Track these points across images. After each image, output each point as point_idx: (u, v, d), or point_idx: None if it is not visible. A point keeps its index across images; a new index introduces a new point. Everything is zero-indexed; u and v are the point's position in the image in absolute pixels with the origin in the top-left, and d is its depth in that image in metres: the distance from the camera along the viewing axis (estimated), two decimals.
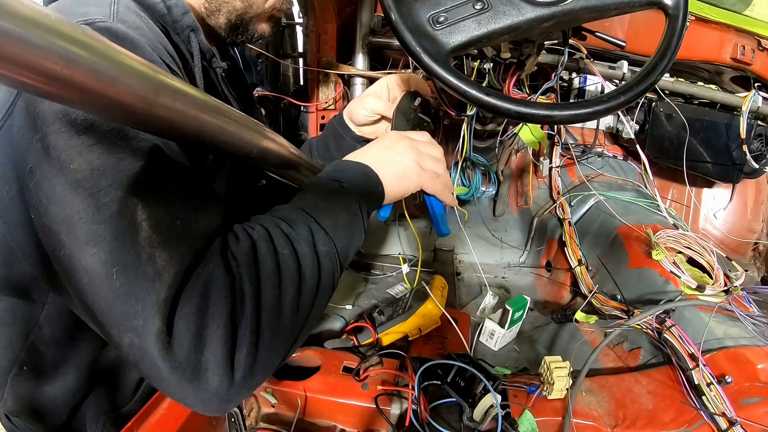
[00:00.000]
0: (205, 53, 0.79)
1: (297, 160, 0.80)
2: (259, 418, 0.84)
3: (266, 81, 1.56)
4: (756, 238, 1.67)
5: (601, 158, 1.69)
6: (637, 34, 1.38)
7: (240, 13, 0.83)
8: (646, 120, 1.54)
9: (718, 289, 1.06)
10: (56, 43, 0.32)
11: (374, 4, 1.40)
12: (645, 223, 1.32)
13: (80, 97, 0.37)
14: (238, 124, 0.59)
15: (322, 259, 0.58)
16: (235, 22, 0.84)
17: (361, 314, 1.13)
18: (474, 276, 1.59)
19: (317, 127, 1.52)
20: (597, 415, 0.83)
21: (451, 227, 0.95)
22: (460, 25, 0.69)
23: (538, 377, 0.87)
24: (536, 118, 0.68)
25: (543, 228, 1.64)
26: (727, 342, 0.89)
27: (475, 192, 1.67)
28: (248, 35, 0.87)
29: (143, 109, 0.43)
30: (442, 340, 1.04)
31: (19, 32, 0.29)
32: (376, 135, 1.06)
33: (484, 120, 1.51)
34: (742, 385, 0.82)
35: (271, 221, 0.59)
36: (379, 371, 0.87)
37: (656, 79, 0.69)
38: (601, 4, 0.70)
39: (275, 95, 1.48)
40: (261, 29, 0.88)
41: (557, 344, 1.17)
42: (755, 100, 1.36)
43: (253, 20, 0.86)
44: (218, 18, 0.83)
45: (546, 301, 1.46)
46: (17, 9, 0.29)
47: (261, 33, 0.89)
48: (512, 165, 1.81)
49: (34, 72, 0.32)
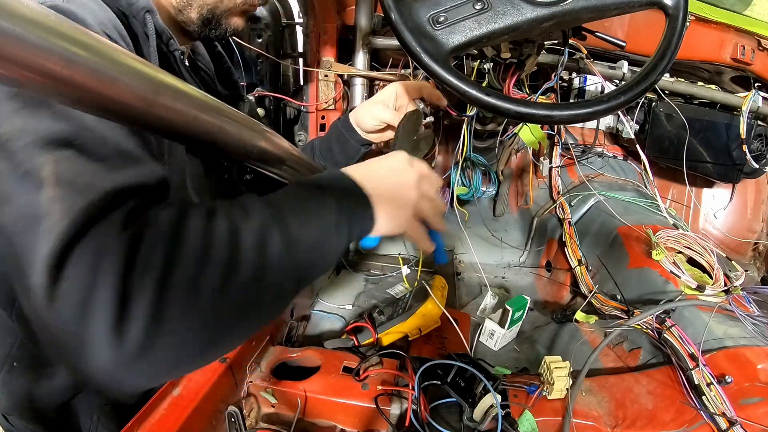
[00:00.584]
0: (161, 34, 0.78)
1: (298, 161, 0.80)
2: (259, 418, 0.84)
3: (266, 81, 1.55)
4: (756, 238, 1.67)
5: (601, 158, 1.70)
6: (637, 34, 1.39)
7: (211, 8, 0.83)
8: (646, 120, 1.54)
9: (718, 289, 1.06)
10: (56, 43, 0.32)
11: (374, 4, 1.40)
12: (645, 223, 1.32)
13: (80, 97, 0.37)
14: (238, 124, 0.59)
15: (269, 259, 0.52)
16: (206, 16, 0.84)
17: (361, 314, 1.13)
18: (474, 276, 1.59)
19: (317, 127, 1.52)
20: (597, 415, 0.83)
21: (452, 227, 0.95)
22: (460, 25, 0.69)
23: (538, 377, 0.88)
24: (536, 118, 0.68)
25: (543, 228, 1.64)
26: (727, 342, 0.89)
27: (475, 192, 1.67)
28: (221, 30, 0.87)
29: (143, 108, 0.43)
30: (442, 340, 1.04)
31: (19, 32, 0.29)
32: (382, 140, 1.06)
33: (484, 120, 1.51)
34: (742, 385, 0.82)
35: (227, 205, 0.54)
36: (379, 371, 0.87)
37: (656, 79, 0.69)
38: (601, 4, 0.70)
39: (275, 95, 1.48)
40: (234, 24, 0.88)
41: (557, 344, 1.17)
42: (755, 100, 1.36)
43: (225, 14, 0.85)
44: (190, 13, 0.83)
45: (546, 301, 1.46)
46: (17, 9, 0.29)
47: (234, 28, 0.88)
48: (512, 165, 1.81)
49: (34, 72, 0.32)
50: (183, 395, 0.73)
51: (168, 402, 0.72)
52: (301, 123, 1.53)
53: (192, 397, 0.73)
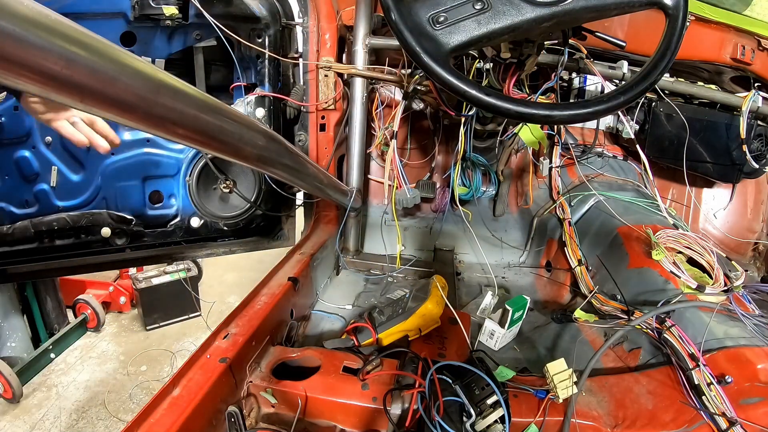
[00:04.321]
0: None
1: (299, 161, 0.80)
2: (259, 418, 0.84)
3: (266, 81, 1.55)
4: (756, 238, 1.67)
5: (601, 158, 1.70)
6: (637, 34, 1.38)
7: None
8: (646, 120, 1.54)
9: (718, 288, 1.06)
10: (56, 43, 0.32)
11: (374, 4, 1.40)
12: (645, 223, 1.32)
13: (80, 96, 0.37)
14: (239, 125, 0.59)
15: None
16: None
17: (361, 314, 1.13)
18: (474, 276, 1.59)
19: (317, 127, 1.52)
20: (597, 415, 0.83)
21: (452, 227, 0.95)
22: (460, 25, 0.69)
23: (543, 380, 0.87)
24: (536, 118, 0.68)
25: (543, 228, 1.64)
26: (727, 342, 0.89)
27: (475, 192, 1.67)
28: None
29: (143, 108, 0.43)
30: (442, 340, 1.04)
31: (19, 32, 0.29)
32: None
33: (484, 120, 1.51)
34: (742, 385, 0.82)
35: None
36: (380, 373, 0.87)
37: (656, 79, 0.69)
38: (601, 4, 0.70)
39: (275, 95, 1.48)
40: None
41: (558, 344, 1.17)
42: (755, 100, 1.36)
43: None
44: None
45: (546, 301, 1.46)
46: (17, 9, 0.29)
47: None
48: (512, 165, 1.81)
49: (34, 72, 0.32)
50: (183, 395, 0.73)
51: (168, 402, 0.72)
52: (301, 123, 1.53)
53: (192, 397, 0.72)
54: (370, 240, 1.74)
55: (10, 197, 1.28)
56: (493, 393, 0.78)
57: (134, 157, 1.36)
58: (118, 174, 1.35)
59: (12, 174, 1.28)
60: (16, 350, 2.18)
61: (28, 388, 2.18)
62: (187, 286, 2.73)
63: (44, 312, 2.33)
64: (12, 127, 1.24)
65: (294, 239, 1.61)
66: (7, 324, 2.15)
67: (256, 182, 1.47)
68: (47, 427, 2.02)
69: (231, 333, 0.87)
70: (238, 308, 0.95)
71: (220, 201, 1.48)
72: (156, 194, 1.42)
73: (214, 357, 0.81)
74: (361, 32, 1.41)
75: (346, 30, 1.49)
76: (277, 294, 1.02)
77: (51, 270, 1.40)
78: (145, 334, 2.70)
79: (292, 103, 1.49)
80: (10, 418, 2.06)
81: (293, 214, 1.61)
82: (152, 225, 1.43)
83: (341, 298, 1.31)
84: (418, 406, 0.78)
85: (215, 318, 1.38)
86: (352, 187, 1.52)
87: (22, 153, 1.27)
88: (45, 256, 1.33)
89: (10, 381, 2.03)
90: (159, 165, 1.39)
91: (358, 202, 1.50)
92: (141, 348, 2.58)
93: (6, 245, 1.27)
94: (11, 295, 2.13)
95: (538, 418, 0.81)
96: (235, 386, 0.83)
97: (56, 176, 1.30)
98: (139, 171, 1.37)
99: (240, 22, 1.34)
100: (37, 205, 1.31)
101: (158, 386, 1.80)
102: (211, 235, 1.50)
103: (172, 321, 2.78)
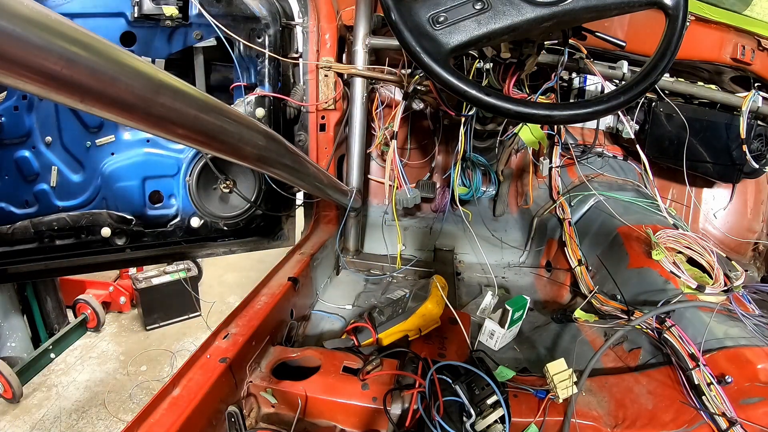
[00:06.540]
0: None
1: (299, 161, 0.80)
2: (259, 418, 0.84)
3: (266, 81, 1.55)
4: (756, 238, 1.67)
5: (601, 158, 1.70)
6: (637, 34, 1.38)
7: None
8: (646, 120, 1.54)
9: (718, 288, 1.06)
10: (56, 43, 0.32)
11: (374, 4, 1.40)
12: (645, 223, 1.32)
13: (80, 96, 0.37)
14: (239, 125, 0.59)
15: None
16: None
17: (361, 314, 1.13)
18: (474, 276, 1.59)
19: (317, 127, 1.52)
20: (597, 415, 0.83)
21: (452, 227, 0.95)
22: (460, 25, 0.69)
23: (543, 380, 0.87)
24: (536, 118, 0.68)
25: (543, 228, 1.64)
26: (727, 342, 0.89)
27: (475, 192, 1.67)
28: None
29: (143, 108, 0.43)
30: (442, 340, 1.04)
31: (19, 32, 0.29)
32: None
33: (484, 120, 1.51)
34: (742, 385, 0.82)
35: None
36: (380, 373, 0.87)
37: (656, 79, 0.69)
38: (601, 4, 0.70)
39: (275, 95, 1.48)
40: None
41: (558, 344, 1.17)
42: (755, 100, 1.36)
43: None
44: None
45: (546, 301, 1.46)
46: (17, 9, 0.29)
47: None
48: (512, 165, 1.81)
49: (34, 72, 0.32)
50: (183, 395, 0.73)
51: (168, 402, 0.72)
52: (301, 123, 1.53)
53: (192, 397, 0.72)
54: (370, 240, 1.74)
55: (10, 197, 1.29)
56: (493, 393, 0.78)
57: (134, 157, 1.36)
58: (118, 174, 1.35)
59: (12, 174, 1.28)
60: (16, 350, 2.19)
61: (28, 388, 2.18)
62: (187, 286, 2.73)
63: (44, 312, 2.33)
64: (12, 127, 1.24)
65: (294, 239, 1.61)
66: (7, 324, 2.15)
67: (256, 182, 1.47)
68: (47, 427, 2.02)
69: (231, 333, 0.87)
70: (238, 308, 0.95)
71: (220, 201, 1.48)
72: (156, 194, 1.42)
73: (214, 357, 0.81)
74: (361, 32, 1.41)
75: (346, 30, 1.49)
76: (277, 294, 1.02)
77: (51, 270, 1.40)
78: (145, 334, 2.70)
79: (292, 103, 1.49)
80: (10, 418, 2.06)
81: (293, 214, 1.61)
82: (152, 225, 1.43)
83: (341, 298, 1.31)
84: (418, 406, 0.78)
85: (215, 318, 1.38)
86: (352, 187, 1.52)
87: (22, 153, 1.27)
88: (45, 256, 1.33)
89: (10, 381, 2.03)
90: (159, 165, 1.39)
91: (358, 202, 1.50)
92: (141, 348, 2.58)
93: (6, 245, 1.27)
94: (11, 295, 2.13)
95: (538, 418, 0.81)
96: (235, 386, 0.83)
97: (56, 176, 1.30)
98: (139, 171, 1.38)
99: (240, 22, 1.34)
100: (37, 205, 1.31)
101: (158, 386, 1.80)
102: (211, 235, 1.50)
103: (172, 321, 2.78)
